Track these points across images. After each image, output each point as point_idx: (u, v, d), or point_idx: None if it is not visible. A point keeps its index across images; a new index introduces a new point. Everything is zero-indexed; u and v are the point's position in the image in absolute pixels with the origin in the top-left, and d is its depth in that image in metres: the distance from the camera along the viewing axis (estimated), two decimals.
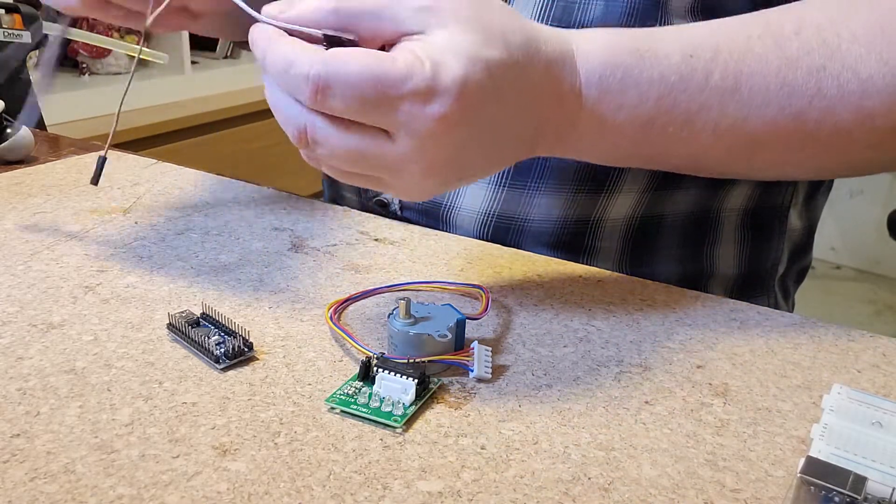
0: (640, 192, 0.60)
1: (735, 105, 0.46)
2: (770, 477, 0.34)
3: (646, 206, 0.61)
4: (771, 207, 0.65)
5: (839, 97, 0.46)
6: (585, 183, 0.59)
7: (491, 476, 0.34)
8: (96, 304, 0.47)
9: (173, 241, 0.55)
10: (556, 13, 0.54)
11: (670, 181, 0.60)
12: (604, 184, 0.59)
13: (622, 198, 0.60)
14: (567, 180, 0.59)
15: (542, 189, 0.59)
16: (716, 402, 0.39)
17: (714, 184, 0.61)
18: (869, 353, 0.44)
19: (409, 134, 0.39)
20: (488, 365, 0.41)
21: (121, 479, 0.33)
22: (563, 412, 0.38)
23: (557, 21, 0.54)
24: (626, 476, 0.34)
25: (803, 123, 0.46)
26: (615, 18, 0.53)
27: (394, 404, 0.37)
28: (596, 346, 0.44)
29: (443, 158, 0.40)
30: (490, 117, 0.40)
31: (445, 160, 0.41)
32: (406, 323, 0.41)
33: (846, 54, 0.46)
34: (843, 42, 0.46)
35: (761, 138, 0.47)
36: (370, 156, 0.40)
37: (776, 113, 0.46)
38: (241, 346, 0.41)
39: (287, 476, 0.33)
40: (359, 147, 0.40)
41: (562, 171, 0.58)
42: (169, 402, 0.38)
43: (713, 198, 0.62)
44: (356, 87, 0.37)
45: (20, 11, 0.78)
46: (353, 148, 0.40)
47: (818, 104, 0.46)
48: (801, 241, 0.71)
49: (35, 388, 0.38)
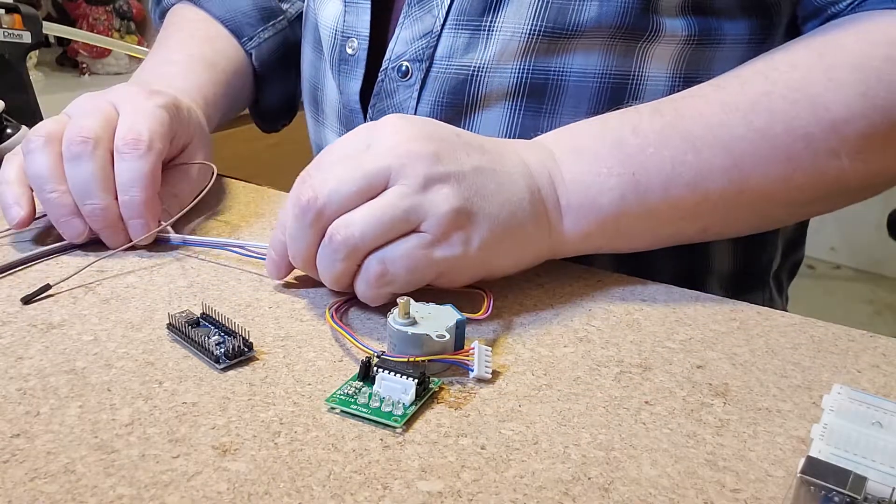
0: None
1: (695, 126, 0.50)
2: (770, 477, 0.34)
3: None
4: None
5: (796, 112, 0.49)
6: None
7: (491, 476, 0.34)
8: (96, 304, 0.47)
9: (172, 241, 0.55)
10: (551, 15, 0.54)
11: None
12: None
13: None
14: None
15: None
16: (716, 402, 0.39)
17: None
18: (869, 353, 0.44)
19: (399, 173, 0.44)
20: (488, 365, 0.41)
21: (121, 479, 0.33)
22: (563, 412, 0.38)
23: (552, 23, 0.54)
24: (626, 476, 0.34)
25: (775, 138, 0.49)
26: (609, 20, 0.54)
27: (394, 404, 0.37)
28: (596, 346, 0.44)
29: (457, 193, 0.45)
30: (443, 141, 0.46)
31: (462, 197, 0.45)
32: (405, 323, 0.41)
33: (787, 79, 0.50)
34: (782, 71, 0.50)
35: (743, 157, 0.49)
36: (389, 208, 0.44)
37: (742, 131, 0.49)
38: (241, 346, 0.41)
39: (287, 476, 0.33)
40: (376, 203, 0.44)
41: None
42: (169, 402, 0.38)
43: None
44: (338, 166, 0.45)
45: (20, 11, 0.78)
46: (373, 205, 0.44)
47: (779, 120, 0.49)
48: (793, 235, 0.72)
49: (35, 388, 0.38)
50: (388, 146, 0.45)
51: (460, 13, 0.57)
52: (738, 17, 0.56)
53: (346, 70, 0.64)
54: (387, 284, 0.45)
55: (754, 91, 0.50)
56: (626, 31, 0.54)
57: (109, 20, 1.84)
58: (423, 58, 0.58)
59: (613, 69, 0.56)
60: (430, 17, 0.58)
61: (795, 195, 0.51)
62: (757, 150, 0.49)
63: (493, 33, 0.56)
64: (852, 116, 0.48)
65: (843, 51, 0.49)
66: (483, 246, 0.46)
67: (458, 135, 0.47)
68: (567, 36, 0.55)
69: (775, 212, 0.53)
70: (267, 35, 0.76)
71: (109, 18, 1.84)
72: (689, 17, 0.55)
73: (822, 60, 0.49)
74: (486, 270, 0.48)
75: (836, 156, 0.49)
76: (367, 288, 0.45)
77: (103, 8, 1.82)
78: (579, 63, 0.56)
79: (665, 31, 0.55)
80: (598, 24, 0.54)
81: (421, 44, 0.58)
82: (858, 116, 0.48)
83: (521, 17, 0.55)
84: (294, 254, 0.47)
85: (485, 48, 0.56)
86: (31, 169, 0.52)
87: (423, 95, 0.59)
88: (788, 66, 0.50)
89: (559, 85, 0.56)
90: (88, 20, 1.79)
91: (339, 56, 0.64)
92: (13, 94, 0.78)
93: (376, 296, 0.46)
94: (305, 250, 0.46)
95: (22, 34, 0.78)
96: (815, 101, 0.48)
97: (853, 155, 0.49)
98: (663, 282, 0.52)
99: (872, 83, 0.48)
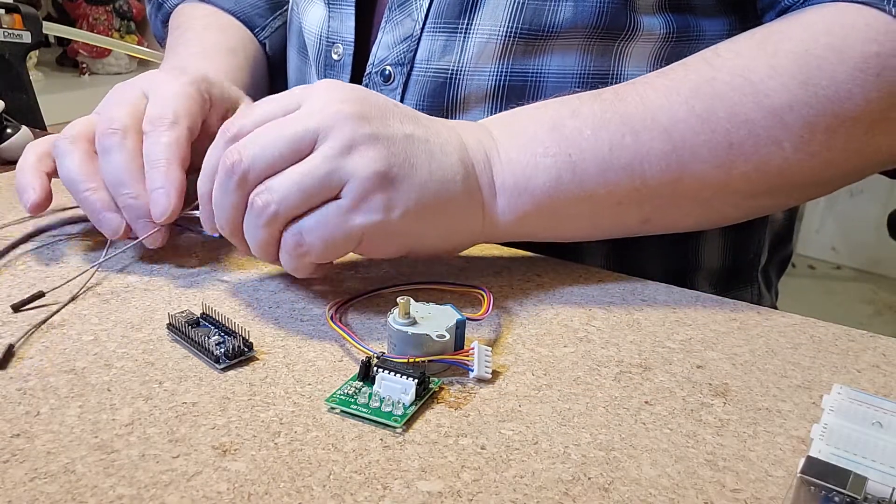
0: None
1: (636, 109, 0.49)
2: (770, 477, 0.34)
3: None
4: None
5: (738, 98, 0.48)
6: None
7: (491, 476, 0.34)
8: (96, 304, 0.47)
9: (173, 241, 0.55)
10: (527, 15, 0.55)
11: None
12: None
13: None
14: None
15: None
16: (716, 402, 0.39)
17: None
18: (869, 353, 0.44)
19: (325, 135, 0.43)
20: (488, 365, 0.41)
21: (121, 479, 0.33)
22: (563, 412, 0.38)
23: (528, 23, 0.55)
24: (626, 476, 0.34)
25: (716, 123, 0.48)
26: (585, 19, 0.54)
27: (394, 404, 0.37)
28: (596, 346, 0.44)
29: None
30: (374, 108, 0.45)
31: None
32: (405, 323, 0.41)
33: (731, 66, 0.49)
34: (726, 59, 0.49)
35: (683, 141, 0.48)
36: (311, 171, 0.43)
37: (684, 115, 0.48)
38: (241, 346, 0.41)
39: (287, 476, 0.33)
40: (299, 168, 0.43)
41: None
42: (169, 402, 0.38)
43: None
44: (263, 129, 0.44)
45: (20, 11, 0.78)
46: (295, 170, 0.43)
47: (721, 105, 0.48)
48: (782, 231, 0.72)
49: (35, 388, 0.38)
50: (318, 107, 0.44)
51: (438, 16, 0.57)
52: (715, 14, 0.57)
53: (332, 75, 0.64)
54: (304, 255, 0.44)
55: (698, 76, 0.49)
56: (602, 30, 0.55)
57: (109, 20, 1.84)
58: (404, 61, 0.59)
59: (592, 69, 0.56)
60: (410, 21, 0.58)
61: (738, 185, 0.50)
62: (697, 135, 0.48)
63: (469, 35, 0.56)
64: (795, 104, 0.47)
65: (787, 40, 0.48)
66: (406, 215, 0.44)
67: (395, 105, 0.47)
68: (543, 37, 0.55)
69: (719, 203, 0.52)
70: (277, 24, 0.76)
71: (109, 18, 1.84)
72: (667, 15, 0.56)
73: (765, 49, 0.48)
74: (411, 243, 0.47)
75: (779, 145, 0.48)
76: (289, 259, 0.44)
77: (103, 8, 1.82)
78: (557, 64, 0.56)
79: (643, 30, 0.55)
80: (574, 25, 0.54)
81: (402, 48, 0.59)
82: (801, 104, 0.47)
83: (497, 18, 0.55)
84: (220, 220, 0.45)
85: (462, 50, 0.57)
86: (63, 173, 0.51)
87: (406, 99, 0.60)
88: (733, 54, 0.49)
89: (538, 86, 0.57)
90: (88, 20, 1.79)
91: (324, 61, 0.65)
92: (13, 93, 0.78)
93: (297, 267, 0.45)
94: (230, 215, 0.45)
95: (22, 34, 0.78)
96: (757, 88, 0.48)
97: (797, 145, 0.48)
98: (653, 279, 0.52)
99: (814, 72, 0.47)
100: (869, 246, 2.64)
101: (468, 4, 0.56)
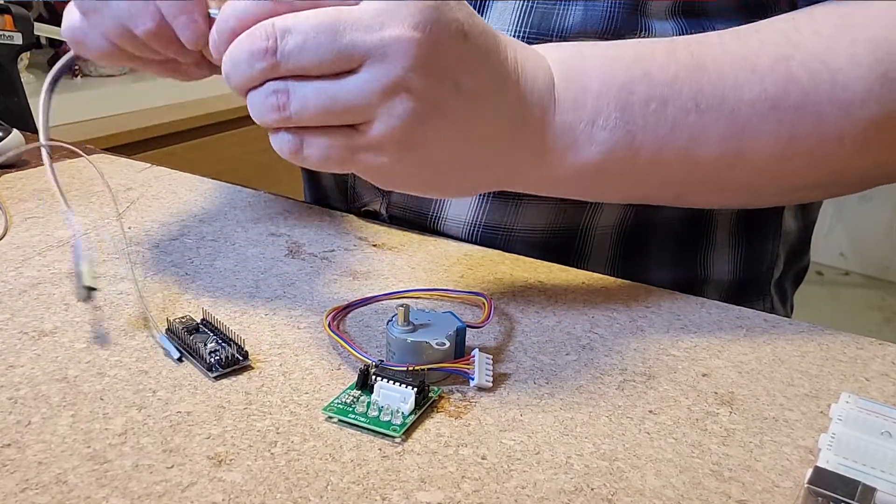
0: None
1: (707, 82, 0.45)
2: (777, 488, 0.34)
3: (636, 213, 0.60)
4: (765, 210, 0.65)
5: (813, 86, 0.45)
6: None
7: (492, 487, 0.33)
8: (89, 311, 0.46)
9: (167, 247, 0.55)
10: (535, 20, 0.54)
11: None
12: None
13: (610, 204, 0.59)
14: None
15: (527, 197, 0.58)
16: (721, 411, 0.39)
17: None
18: (878, 361, 0.44)
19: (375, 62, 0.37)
20: (489, 373, 0.40)
21: (114, 490, 0.32)
22: (566, 421, 0.38)
23: (536, 28, 0.54)
24: (629, 487, 0.33)
25: (784, 112, 0.45)
26: (594, 24, 0.53)
27: (393, 413, 0.37)
28: (599, 354, 0.43)
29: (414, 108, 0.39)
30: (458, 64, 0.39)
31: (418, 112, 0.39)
32: (404, 330, 0.40)
33: (811, 47, 0.45)
34: (806, 38, 0.46)
35: (746, 128, 0.45)
36: (342, 97, 0.38)
37: (754, 97, 0.45)
38: (236, 354, 0.40)
39: (284, 487, 0.32)
40: (330, 90, 0.38)
41: None
42: (163, 412, 0.37)
43: None
44: (315, 20, 0.37)
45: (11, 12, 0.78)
46: (325, 91, 0.38)
47: (793, 91, 0.45)
48: (797, 242, 0.70)
49: (26, 397, 0.38)
50: (382, 20, 0.37)
51: None
52: (732, 17, 0.55)
53: None
54: (296, 152, 0.40)
55: (775, 52, 0.45)
56: (612, 34, 0.53)
57: None
58: None
59: None
60: None
61: (789, 177, 0.48)
62: (762, 123, 0.45)
63: None
64: (868, 99, 0.45)
65: (869, 23, 0.45)
66: (422, 172, 0.42)
67: (473, 51, 0.40)
68: (552, 41, 0.54)
69: (763, 192, 0.50)
70: None
71: None
72: (679, 20, 0.55)
73: (847, 32, 0.45)
74: (414, 186, 0.43)
75: (841, 141, 0.46)
76: (277, 138, 0.40)
77: None
78: None
79: (654, 35, 0.54)
80: (583, 29, 0.53)
81: None
82: (874, 100, 0.45)
83: (505, 21, 0.54)
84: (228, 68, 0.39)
85: None
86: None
87: None
88: (811, 32, 0.46)
89: None
90: None
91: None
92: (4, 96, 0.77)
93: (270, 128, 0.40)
94: (242, 77, 0.39)
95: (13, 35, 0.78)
96: (835, 78, 0.45)
97: (858, 142, 0.46)
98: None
99: (894, 66, 0.44)
100: (878, 252, 2.64)
101: (475, 7, 0.55)
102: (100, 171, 0.68)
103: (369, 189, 0.64)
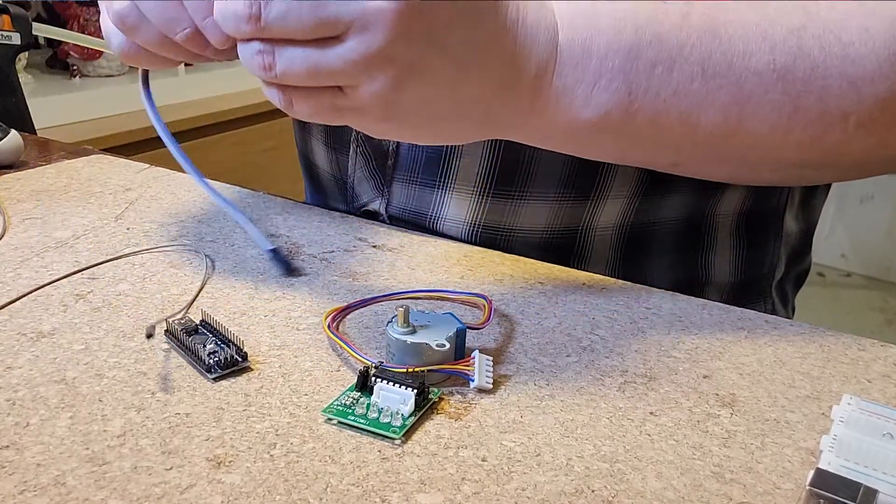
0: (628, 197, 0.59)
1: (718, 49, 0.44)
2: (778, 490, 0.34)
3: (636, 214, 0.60)
4: (765, 211, 0.64)
5: (822, 59, 0.44)
6: (571, 189, 0.58)
7: (492, 489, 0.33)
8: (87, 313, 0.46)
9: (166, 248, 0.55)
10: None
11: (660, 184, 0.59)
12: (590, 190, 0.58)
13: (610, 204, 0.59)
14: (551, 187, 0.58)
15: (527, 197, 0.58)
16: (723, 412, 0.39)
17: (706, 187, 0.60)
18: (880, 362, 0.44)
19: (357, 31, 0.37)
20: (489, 375, 0.40)
21: (112, 492, 0.32)
22: (566, 423, 0.37)
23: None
24: (630, 489, 0.33)
25: (790, 84, 0.45)
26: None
27: (392, 415, 0.36)
28: (600, 356, 0.43)
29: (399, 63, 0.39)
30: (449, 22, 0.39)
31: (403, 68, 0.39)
32: (404, 331, 0.40)
33: (825, 18, 0.45)
34: (822, 8, 0.45)
35: (750, 97, 0.45)
36: (325, 65, 0.38)
37: (762, 67, 0.44)
38: (235, 355, 0.40)
39: (283, 489, 0.32)
40: (314, 56, 0.38)
41: (545, 177, 0.57)
42: (162, 413, 0.37)
43: (706, 202, 0.61)
44: None
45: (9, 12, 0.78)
46: (309, 57, 0.38)
47: (802, 64, 0.44)
48: (798, 244, 0.70)
49: (24, 399, 0.38)
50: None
51: None
52: None
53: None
54: (288, 105, 0.40)
55: (789, 21, 0.45)
56: None
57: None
58: None
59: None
60: None
61: (788, 152, 0.47)
62: (767, 93, 0.44)
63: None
64: (878, 78, 0.44)
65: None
66: (404, 127, 0.42)
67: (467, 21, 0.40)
68: None
69: (759, 167, 0.49)
70: None
71: None
72: None
73: (864, 4, 0.44)
74: (411, 137, 0.44)
75: (845, 119, 0.45)
76: (261, 80, 0.40)
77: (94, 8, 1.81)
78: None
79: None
80: None
81: None
82: (883, 78, 0.44)
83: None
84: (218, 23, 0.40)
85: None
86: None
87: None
88: (828, 3, 0.45)
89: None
90: (79, 21, 1.77)
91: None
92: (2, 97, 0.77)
93: (258, 74, 0.40)
94: (230, 34, 0.40)
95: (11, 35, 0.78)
96: (846, 52, 0.44)
97: (862, 121, 0.45)
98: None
99: None
100: (880, 253, 2.64)
101: None
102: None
103: (369, 189, 0.64)
